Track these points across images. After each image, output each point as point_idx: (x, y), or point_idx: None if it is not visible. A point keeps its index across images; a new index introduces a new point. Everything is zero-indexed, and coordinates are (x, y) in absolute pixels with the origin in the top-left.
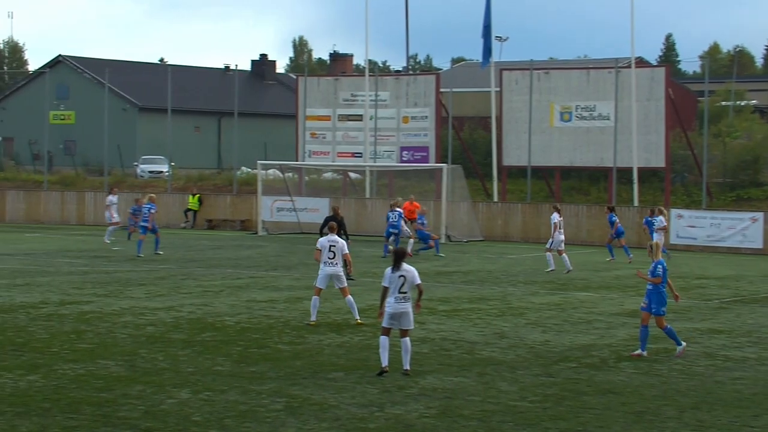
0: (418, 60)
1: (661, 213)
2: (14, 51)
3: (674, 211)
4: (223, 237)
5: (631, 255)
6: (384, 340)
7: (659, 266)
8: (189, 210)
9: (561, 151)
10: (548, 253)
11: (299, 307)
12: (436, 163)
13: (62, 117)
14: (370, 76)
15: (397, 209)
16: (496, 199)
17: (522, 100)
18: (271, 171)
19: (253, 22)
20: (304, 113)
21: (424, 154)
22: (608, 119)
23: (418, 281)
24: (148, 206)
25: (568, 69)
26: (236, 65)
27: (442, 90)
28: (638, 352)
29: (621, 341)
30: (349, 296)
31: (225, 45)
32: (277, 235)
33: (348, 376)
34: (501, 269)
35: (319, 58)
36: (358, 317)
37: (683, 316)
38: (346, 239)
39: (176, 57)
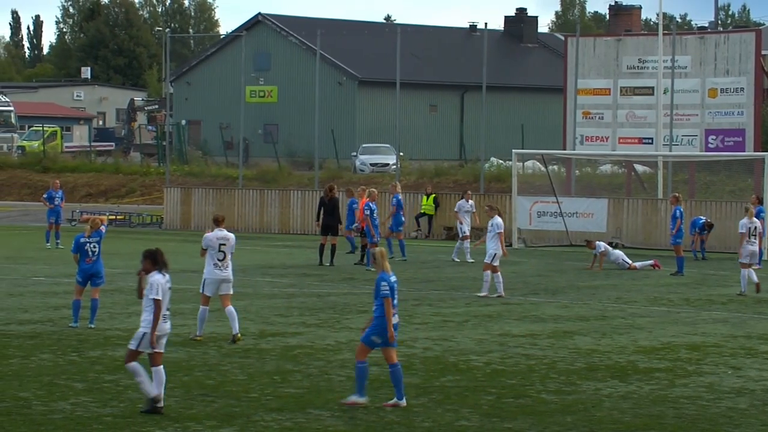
0: (730, 12)
1: None
2: (202, 9)
3: None
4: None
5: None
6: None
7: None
8: (422, 215)
9: None
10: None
11: (569, 344)
12: (756, 151)
13: (262, 93)
14: (664, 34)
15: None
16: None
17: None
18: (529, 163)
19: None
20: (574, 86)
21: (739, 139)
22: None
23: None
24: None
25: None
26: (485, 24)
27: (764, 52)
28: None
29: None
30: (230, 306)
31: None
32: (539, 248)
33: None
34: None
35: (595, 12)
36: (237, 331)
37: None
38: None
39: (406, 14)
